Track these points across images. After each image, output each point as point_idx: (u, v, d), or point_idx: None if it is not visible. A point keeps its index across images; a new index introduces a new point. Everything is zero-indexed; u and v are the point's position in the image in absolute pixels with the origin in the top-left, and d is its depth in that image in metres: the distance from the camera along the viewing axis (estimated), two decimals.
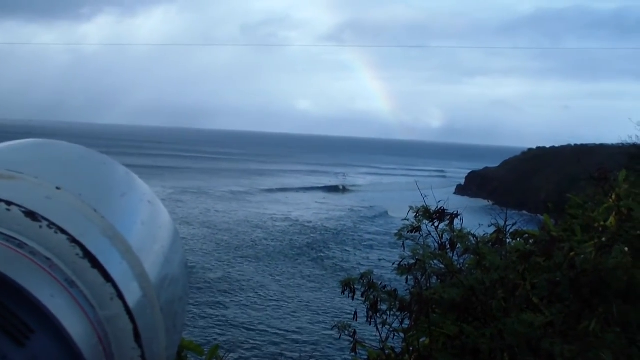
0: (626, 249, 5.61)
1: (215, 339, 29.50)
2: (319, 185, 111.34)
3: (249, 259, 48.77)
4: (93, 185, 1.05)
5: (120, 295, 0.93)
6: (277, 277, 43.90)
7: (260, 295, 39.09)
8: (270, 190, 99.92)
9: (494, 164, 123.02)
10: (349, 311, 7.53)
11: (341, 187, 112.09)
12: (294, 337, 32.03)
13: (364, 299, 6.73)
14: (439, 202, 7.11)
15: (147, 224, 1.09)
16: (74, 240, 0.91)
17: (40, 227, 0.91)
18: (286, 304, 37.70)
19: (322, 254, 52.69)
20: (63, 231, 0.91)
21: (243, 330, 32.41)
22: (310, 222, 69.61)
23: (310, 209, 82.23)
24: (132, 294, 0.96)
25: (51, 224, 0.91)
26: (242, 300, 37.55)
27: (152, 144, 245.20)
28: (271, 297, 38.92)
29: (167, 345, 1.05)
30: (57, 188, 0.97)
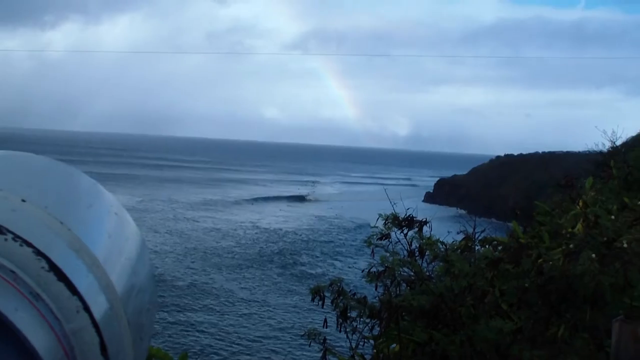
0: (593, 255, 5.65)
1: (183, 347, 29.35)
2: (288, 195, 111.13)
3: (218, 267, 48.63)
4: (59, 197, 1.04)
5: (87, 308, 0.92)
6: (246, 285, 43.81)
7: (228, 303, 38.98)
8: (239, 199, 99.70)
9: (462, 171, 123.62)
10: (319, 319, 7.52)
11: (310, 196, 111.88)
12: (264, 345, 31.96)
13: (333, 306, 6.73)
14: (408, 209, 7.14)
15: (114, 235, 1.07)
16: (39, 253, 0.90)
17: (5, 240, 0.89)
18: (255, 312, 37.62)
19: (291, 262, 52.65)
20: (28, 244, 0.90)
21: (211, 338, 32.29)
22: (280, 230, 69.60)
23: (279, 218, 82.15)
24: (99, 306, 0.95)
25: (16, 237, 0.90)
26: (210, 309, 37.41)
27: (119, 151, 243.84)
28: (240, 305, 38.82)
29: (134, 356, 1.04)
30: (23, 200, 0.95)
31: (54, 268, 0.90)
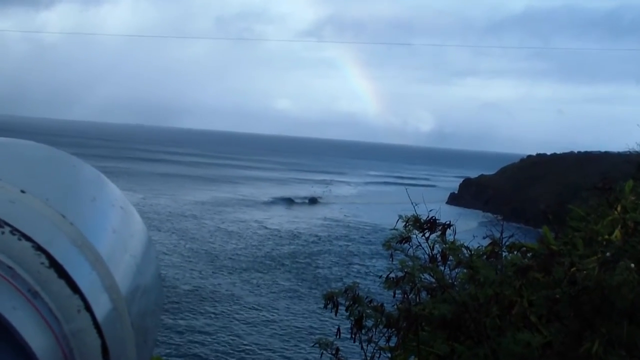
0: (632, 265, 5.61)
1: (185, 355, 29.43)
2: (301, 194, 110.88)
3: (224, 270, 48.69)
4: (61, 189, 1.04)
5: (88, 308, 0.93)
6: (254, 290, 43.82)
7: (235, 308, 39.01)
8: (247, 198, 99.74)
9: (489, 171, 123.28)
10: (331, 327, 7.53)
11: (325, 197, 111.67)
12: (272, 353, 31.99)
13: (348, 314, 6.73)
14: (430, 211, 7.11)
15: (119, 231, 1.08)
16: (39, 248, 0.91)
17: (3, 233, 0.90)
18: (263, 318, 37.64)
19: (303, 266, 52.68)
20: (27, 238, 0.91)
21: (216, 345, 32.32)
22: (291, 231, 69.67)
23: (291, 218, 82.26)
24: (101, 306, 0.95)
25: (14, 230, 0.90)
26: (216, 314, 37.45)
27: (119, 143, 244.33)
28: (247, 310, 38.84)
29: None
30: (22, 191, 0.96)
31: (54, 264, 0.91)
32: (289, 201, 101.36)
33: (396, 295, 6.72)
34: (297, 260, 54.87)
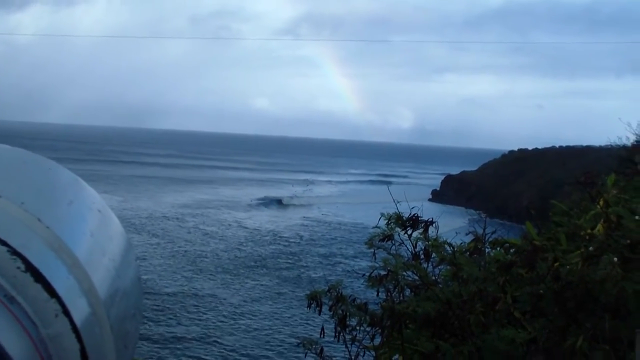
0: (615, 259, 5.62)
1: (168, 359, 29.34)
2: (282, 194, 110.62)
3: (206, 272, 48.57)
4: (37, 193, 1.03)
5: (66, 312, 0.92)
6: (236, 291, 43.72)
7: (217, 311, 38.90)
8: (228, 199, 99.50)
9: (471, 167, 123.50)
10: (315, 327, 7.53)
11: (306, 196, 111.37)
12: (255, 355, 31.92)
13: (331, 313, 6.72)
14: (413, 208, 7.11)
15: (97, 234, 1.07)
16: (14, 252, 0.90)
17: None
18: (246, 319, 37.56)
19: (285, 266, 52.62)
20: (3, 242, 0.90)
21: (198, 349, 32.23)
22: (273, 232, 69.63)
23: (272, 219, 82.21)
24: (79, 310, 0.94)
25: None
26: (198, 317, 37.34)
27: (98, 145, 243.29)
28: (230, 312, 38.75)
29: None
30: None
31: (30, 269, 0.90)
32: (269, 201, 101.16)
33: (379, 294, 6.72)
34: (279, 261, 54.83)
